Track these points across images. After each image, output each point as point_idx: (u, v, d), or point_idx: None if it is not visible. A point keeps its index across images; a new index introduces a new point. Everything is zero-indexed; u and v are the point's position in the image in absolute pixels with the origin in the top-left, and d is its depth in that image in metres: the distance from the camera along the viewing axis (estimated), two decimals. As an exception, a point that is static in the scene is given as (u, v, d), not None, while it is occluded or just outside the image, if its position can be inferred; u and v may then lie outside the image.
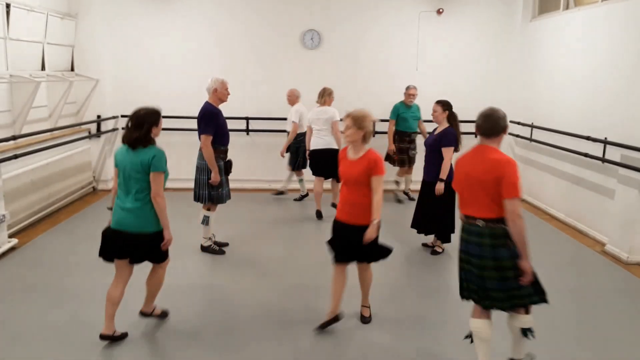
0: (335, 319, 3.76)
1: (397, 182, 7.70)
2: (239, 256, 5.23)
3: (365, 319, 3.92)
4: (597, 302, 4.38)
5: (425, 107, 8.11)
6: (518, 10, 7.89)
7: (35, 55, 6.44)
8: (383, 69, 8.02)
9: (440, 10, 7.91)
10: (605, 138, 5.72)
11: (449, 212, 5.19)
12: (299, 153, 7.05)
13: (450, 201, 5.20)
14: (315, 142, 6.38)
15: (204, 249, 5.24)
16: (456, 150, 5.15)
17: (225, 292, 4.42)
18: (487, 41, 8.06)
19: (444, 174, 5.05)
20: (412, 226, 5.46)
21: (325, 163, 6.30)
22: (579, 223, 6.39)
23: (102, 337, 3.45)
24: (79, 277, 4.61)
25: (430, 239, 5.58)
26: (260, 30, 7.88)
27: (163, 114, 8.55)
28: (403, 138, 7.22)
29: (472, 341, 3.17)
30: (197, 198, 5.05)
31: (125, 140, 3.40)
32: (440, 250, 5.41)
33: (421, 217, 5.37)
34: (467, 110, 8.27)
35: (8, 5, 5.63)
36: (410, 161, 7.36)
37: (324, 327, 3.73)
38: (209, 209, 5.11)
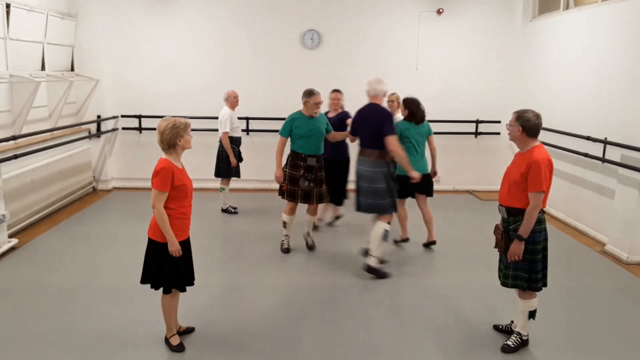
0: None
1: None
2: (242, 261, 5.23)
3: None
4: (597, 302, 4.37)
5: (425, 108, 8.15)
6: (518, 10, 7.89)
7: (35, 55, 6.44)
8: (383, 69, 8.01)
9: (440, 10, 7.91)
10: (605, 138, 5.72)
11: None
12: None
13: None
14: None
15: (371, 270, 4.69)
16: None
17: (226, 298, 4.43)
18: (487, 41, 8.06)
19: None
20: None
21: None
22: (579, 223, 6.39)
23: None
24: (78, 277, 4.60)
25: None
26: (260, 30, 7.88)
27: (162, 113, 8.53)
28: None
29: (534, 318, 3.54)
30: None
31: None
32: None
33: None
34: (467, 110, 8.31)
35: (8, 5, 5.63)
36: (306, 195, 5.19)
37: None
38: (388, 222, 4.63)
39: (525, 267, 3.38)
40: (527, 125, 3.29)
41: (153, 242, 3.29)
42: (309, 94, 4.99)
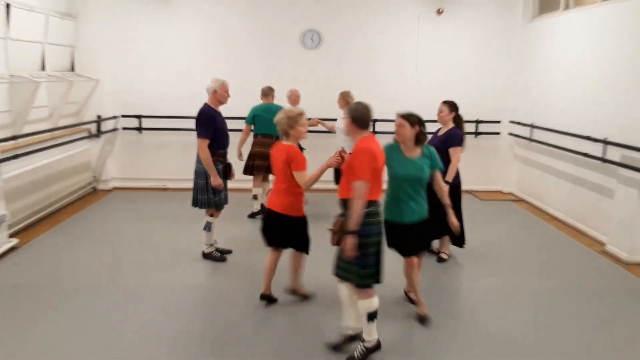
0: (268, 297, 4.16)
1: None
2: (240, 264, 5.11)
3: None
4: (597, 302, 4.38)
5: (425, 108, 8.13)
6: (518, 10, 7.90)
7: (35, 55, 6.43)
8: (383, 69, 8.03)
9: (440, 10, 7.91)
10: (605, 138, 5.73)
11: (460, 215, 4.90)
12: None
13: (459, 204, 4.92)
14: None
15: (206, 255, 5.08)
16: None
17: (225, 300, 4.42)
18: (487, 41, 8.06)
19: (450, 176, 4.72)
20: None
21: None
22: (579, 223, 6.39)
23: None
24: (79, 278, 4.61)
25: (434, 244, 5.25)
26: (260, 30, 7.89)
27: (162, 114, 8.48)
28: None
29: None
30: (194, 203, 4.87)
31: None
32: (445, 257, 5.18)
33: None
34: (467, 110, 8.28)
35: (8, 5, 5.63)
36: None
37: (263, 298, 4.15)
38: (211, 215, 4.94)
39: (355, 262, 3.22)
40: (355, 116, 3.28)
41: (290, 218, 3.89)
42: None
